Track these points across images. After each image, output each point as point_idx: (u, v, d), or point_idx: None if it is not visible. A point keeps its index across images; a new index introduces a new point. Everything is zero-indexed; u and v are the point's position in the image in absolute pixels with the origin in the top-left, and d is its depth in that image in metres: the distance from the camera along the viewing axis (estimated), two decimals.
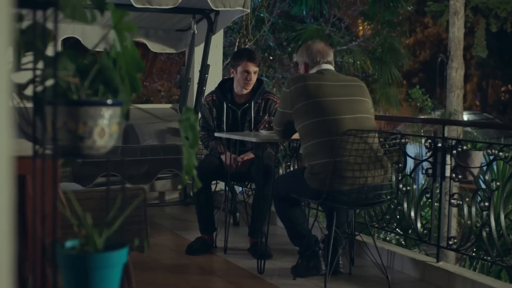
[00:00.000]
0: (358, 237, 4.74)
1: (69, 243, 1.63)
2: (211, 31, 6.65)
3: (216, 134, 4.98)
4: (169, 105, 7.53)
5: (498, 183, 4.48)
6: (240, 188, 6.55)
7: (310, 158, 4.05)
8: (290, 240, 4.45)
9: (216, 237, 5.16)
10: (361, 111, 4.13)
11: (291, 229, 4.37)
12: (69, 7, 1.50)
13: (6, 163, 1.16)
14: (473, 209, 4.44)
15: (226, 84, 5.21)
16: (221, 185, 6.26)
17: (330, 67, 4.28)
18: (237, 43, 8.95)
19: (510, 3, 14.34)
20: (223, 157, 5.06)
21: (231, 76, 5.17)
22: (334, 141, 3.93)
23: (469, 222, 4.48)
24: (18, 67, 1.64)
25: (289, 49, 15.04)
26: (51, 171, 1.52)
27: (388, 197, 4.35)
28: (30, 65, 1.58)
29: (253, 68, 5.03)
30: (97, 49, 1.80)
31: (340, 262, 4.44)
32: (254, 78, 5.08)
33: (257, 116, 5.14)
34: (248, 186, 6.24)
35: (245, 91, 5.11)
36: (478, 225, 4.46)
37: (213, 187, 5.51)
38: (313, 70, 4.27)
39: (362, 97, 4.20)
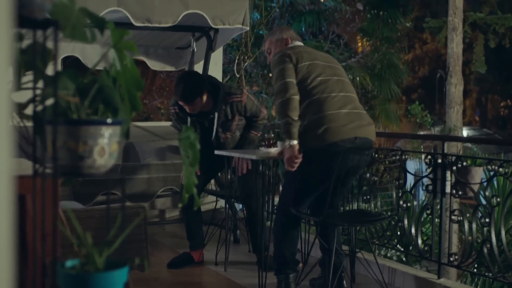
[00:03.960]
0: (359, 254, 4.73)
1: (69, 263, 1.62)
2: (210, 48, 6.67)
3: (217, 152, 4.95)
4: (169, 123, 7.52)
5: (498, 199, 4.48)
6: (240, 206, 6.54)
7: (308, 116, 4.07)
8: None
9: (217, 254, 5.14)
10: (345, 76, 4.34)
11: (279, 250, 4.31)
12: (69, 26, 1.51)
13: (6, 182, 1.16)
14: (474, 225, 4.43)
15: None
16: (221, 203, 6.25)
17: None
18: (236, 60, 8.97)
19: (508, 19, 14.38)
20: None
21: None
22: (326, 98, 4.07)
23: (470, 238, 4.48)
24: (18, 86, 1.64)
25: None
26: (51, 190, 1.52)
27: (389, 213, 4.34)
28: (30, 85, 1.58)
29: (187, 105, 4.82)
30: (97, 68, 1.81)
31: (344, 283, 4.38)
32: (195, 107, 4.84)
33: (225, 122, 5.01)
34: None
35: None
36: (479, 241, 4.45)
37: (213, 204, 5.50)
38: (293, 43, 4.38)
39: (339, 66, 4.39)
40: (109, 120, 1.53)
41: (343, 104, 4.08)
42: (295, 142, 3.97)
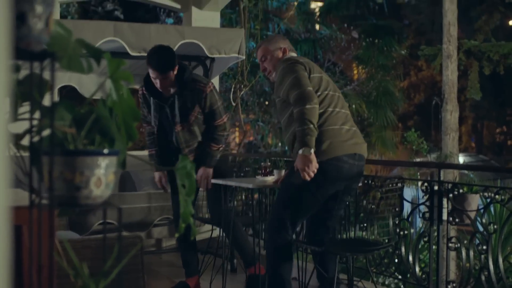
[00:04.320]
0: (359, 284, 4.71)
1: None
2: (206, 77, 6.70)
3: (213, 181, 4.91)
4: None
5: (495, 226, 4.47)
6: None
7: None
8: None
9: (211, 282, 5.12)
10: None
11: (275, 278, 4.16)
12: (65, 58, 1.52)
13: (3, 213, 1.16)
14: (471, 252, 4.42)
15: (150, 80, 4.83)
16: (217, 231, 6.23)
17: None
18: (232, 89, 9.00)
19: (502, 46, 14.49)
20: (156, 174, 5.05)
21: None
22: (331, 113, 4.06)
23: (467, 265, 4.46)
24: (15, 117, 1.64)
25: None
26: (47, 221, 1.51)
27: (386, 240, 4.33)
28: (27, 115, 1.59)
29: (159, 76, 4.63)
30: (94, 97, 1.82)
31: None
32: (165, 82, 4.65)
33: (184, 108, 4.76)
34: (245, 231, 6.21)
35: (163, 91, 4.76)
36: (477, 268, 4.44)
37: (208, 233, 5.48)
38: (290, 55, 4.34)
39: None
40: (105, 151, 1.53)
41: (345, 121, 4.09)
42: (313, 150, 3.87)
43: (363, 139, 4.19)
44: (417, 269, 4.78)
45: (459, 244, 4.52)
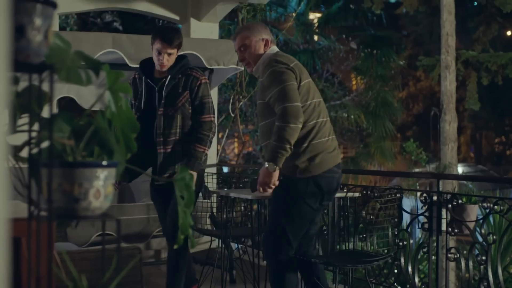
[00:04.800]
0: None
1: None
2: None
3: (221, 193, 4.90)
4: None
5: (494, 237, 4.47)
6: (236, 245, 6.51)
7: (305, 141, 3.89)
8: None
9: None
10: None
11: None
12: (64, 70, 1.52)
13: (2, 225, 1.16)
14: (471, 263, 4.42)
15: (149, 62, 4.63)
16: (217, 242, 6.23)
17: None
18: (231, 100, 9.02)
19: (500, 57, 14.53)
20: None
21: None
22: (321, 124, 3.94)
23: (467, 275, 4.46)
24: (14, 129, 1.65)
25: None
26: (46, 233, 1.51)
27: (385, 251, 4.32)
28: (25, 127, 1.59)
29: (166, 49, 4.43)
30: (92, 108, 1.82)
31: None
32: (169, 59, 4.47)
33: (173, 91, 4.50)
34: (244, 242, 6.21)
35: (162, 70, 4.53)
36: (476, 278, 4.43)
37: (207, 244, 5.47)
38: (273, 48, 4.10)
39: None
40: (104, 162, 1.53)
41: (330, 131, 4.02)
42: (278, 169, 3.79)
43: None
44: (417, 279, 4.78)
45: (458, 255, 4.51)
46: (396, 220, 4.74)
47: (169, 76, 4.48)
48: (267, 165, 3.77)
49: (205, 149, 4.48)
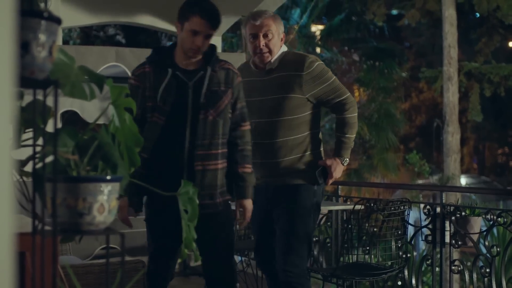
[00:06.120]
0: None
1: None
2: None
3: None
4: None
5: (498, 249, 4.46)
6: (240, 258, 6.49)
7: (319, 146, 3.81)
8: None
9: None
10: None
11: None
12: (68, 85, 1.53)
13: (7, 240, 1.17)
14: (475, 275, 4.41)
15: (163, 51, 3.44)
16: None
17: None
18: None
19: (502, 68, 14.55)
20: (127, 210, 3.72)
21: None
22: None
23: (471, 287, 4.45)
24: (18, 143, 1.65)
25: None
26: (50, 247, 1.52)
27: (389, 263, 4.31)
28: (30, 142, 1.60)
29: (206, 29, 3.25)
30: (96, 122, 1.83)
31: None
32: (205, 44, 3.29)
33: (217, 90, 3.34)
34: (248, 255, 6.19)
35: (191, 60, 3.36)
36: None
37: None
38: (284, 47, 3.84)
39: None
40: (108, 177, 1.54)
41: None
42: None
43: None
44: None
45: (462, 267, 4.50)
46: (399, 232, 4.74)
47: (209, 68, 3.32)
48: (344, 161, 3.70)
49: (252, 169, 3.47)
